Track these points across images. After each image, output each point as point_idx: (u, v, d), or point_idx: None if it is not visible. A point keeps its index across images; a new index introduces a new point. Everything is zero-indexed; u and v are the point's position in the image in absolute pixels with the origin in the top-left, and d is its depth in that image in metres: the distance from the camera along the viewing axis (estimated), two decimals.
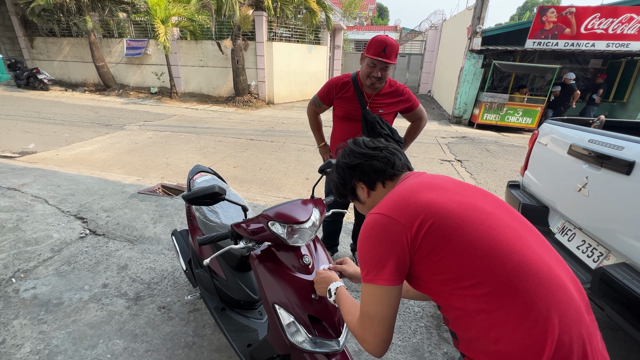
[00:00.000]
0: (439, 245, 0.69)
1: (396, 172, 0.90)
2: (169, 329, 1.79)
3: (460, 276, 0.68)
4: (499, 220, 0.71)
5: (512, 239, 0.68)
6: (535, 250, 0.69)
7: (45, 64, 12.42)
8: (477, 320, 0.68)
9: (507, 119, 8.32)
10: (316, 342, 1.01)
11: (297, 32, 11.16)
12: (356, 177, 0.93)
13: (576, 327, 0.63)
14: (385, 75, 1.76)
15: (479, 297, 0.66)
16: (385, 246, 0.73)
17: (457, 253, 0.68)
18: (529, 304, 0.63)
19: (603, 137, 1.63)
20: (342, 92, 1.90)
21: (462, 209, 0.71)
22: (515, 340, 0.63)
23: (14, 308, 1.88)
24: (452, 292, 0.70)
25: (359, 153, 0.92)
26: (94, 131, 6.29)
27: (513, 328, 0.63)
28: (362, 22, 27.00)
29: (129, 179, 3.91)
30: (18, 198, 3.20)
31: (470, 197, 0.76)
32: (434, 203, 0.73)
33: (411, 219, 0.71)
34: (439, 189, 0.77)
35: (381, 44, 1.66)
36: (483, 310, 0.66)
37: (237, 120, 8.15)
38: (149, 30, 11.14)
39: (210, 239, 1.13)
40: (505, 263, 0.65)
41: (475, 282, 0.66)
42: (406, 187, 0.81)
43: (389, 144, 0.95)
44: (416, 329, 1.90)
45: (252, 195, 3.63)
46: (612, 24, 7.23)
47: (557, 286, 0.65)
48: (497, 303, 0.65)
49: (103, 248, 2.50)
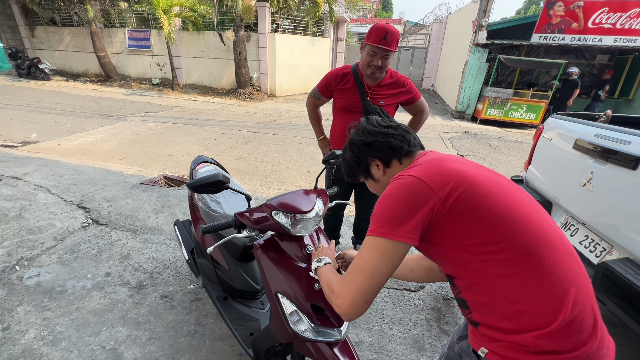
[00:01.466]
0: (468, 211, 0.71)
1: (412, 149, 0.91)
2: (172, 317, 1.81)
3: (485, 241, 0.70)
4: (517, 195, 0.75)
5: (530, 212, 0.73)
6: (549, 222, 0.74)
7: (47, 53, 12.35)
8: (497, 284, 0.71)
9: (511, 115, 8.26)
10: (318, 331, 1.02)
11: (300, 24, 11.03)
12: (372, 155, 0.93)
13: (586, 290, 0.70)
14: (385, 64, 1.71)
15: (501, 262, 0.70)
16: (412, 205, 0.73)
17: (485, 220, 0.70)
18: (547, 267, 0.68)
19: (610, 132, 1.61)
20: (341, 83, 1.86)
21: (488, 181, 0.74)
22: (534, 299, 0.68)
23: (18, 295, 1.90)
24: (474, 257, 0.72)
25: (374, 131, 0.93)
26: (95, 122, 6.28)
27: (532, 288, 0.68)
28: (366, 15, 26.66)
29: (130, 169, 3.91)
30: (21, 187, 3.21)
31: (490, 173, 0.80)
32: (464, 172, 0.74)
33: (442, 184, 0.73)
34: (463, 163, 0.80)
35: (382, 31, 1.62)
36: (504, 275, 0.70)
37: (239, 112, 8.11)
38: (151, 20, 11.04)
39: (214, 228, 1.13)
40: (527, 232, 0.69)
41: (499, 248, 0.69)
42: (432, 158, 0.82)
43: (400, 124, 0.96)
44: (417, 321, 1.91)
45: (254, 188, 3.63)
46: (621, 19, 7.12)
47: (569, 254, 0.72)
48: (518, 268, 0.69)
49: (106, 237, 2.51)
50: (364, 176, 0.99)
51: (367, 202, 2.13)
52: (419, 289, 2.19)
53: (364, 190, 2.07)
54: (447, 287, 2.21)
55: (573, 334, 0.66)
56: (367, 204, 2.13)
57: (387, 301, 2.05)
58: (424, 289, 2.19)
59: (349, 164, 0.99)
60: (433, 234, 0.76)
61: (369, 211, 2.15)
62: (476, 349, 0.77)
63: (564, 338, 0.65)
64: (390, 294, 2.12)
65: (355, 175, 1.01)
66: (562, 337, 0.65)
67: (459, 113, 9.15)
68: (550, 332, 0.65)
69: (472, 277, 0.75)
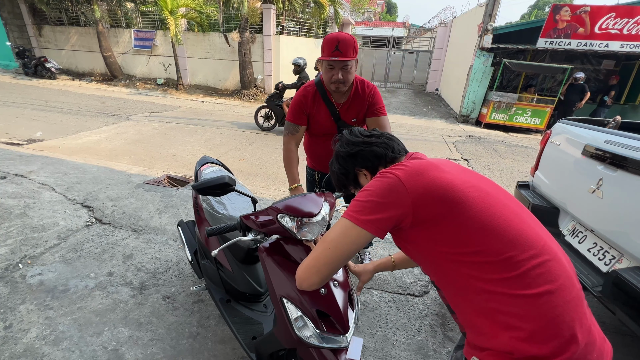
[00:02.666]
0: (440, 215, 0.74)
1: (396, 155, 0.94)
2: (174, 318, 1.80)
3: (458, 245, 0.73)
4: (496, 200, 0.76)
5: (509, 215, 0.74)
6: (530, 225, 0.75)
7: (53, 52, 12.46)
8: (470, 284, 0.73)
9: (516, 119, 8.22)
10: (323, 337, 1.00)
11: (305, 26, 11.06)
12: (358, 165, 0.96)
13: (568, 292, 0.69)
14: (347, 76, 1.55)
15: (475, 264, 0.71)
16: (385, 201, 0.77)
17: (457, 225, 0.72)
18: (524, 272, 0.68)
19: (620, 138, 1.59)
20: (314, 105, 1.70)
21: (466, 187, 0.76)
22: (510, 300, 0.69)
23: (20, 293, 1.90)
24: (448, 258, 0.75)
25: (357, 141, 0.95)
26: (100, 121, 6.31)
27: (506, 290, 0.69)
28: (370, 18, 26.72)
29: (134, 169, 3.92)
30: (25, 185, 3.22)
31: (471, 177, 0.82)
32: (441, 179, 0.76)
33: (418, 188, 0.76)
34: (445, 168, 0.81)
35: (332, 42, 1.48)
36: (478, 277, 0.71)
37: (243, 113, 8.13)
38: (157, 21, 11.11)
39: (219, 230, 1.12)
40: (502, 236, 0.70)
41: (472, 250, 0.71)
42: (419, 162, 0.84)
43: (382, 132, 0.99)
44: (420, 326, 1.89)
45: (257, 189, 3.62)
46: (627, 24, 7.08)
47: (554, 257, 0.72)
48: (494, 271, 0.70)
49: (109, 237, 2.51)
50: (354, 187, 1.01)
51: None
52: (423, 294, 2.16)
53: None
54: None
55: (553, 337, 0.65)
56: None
57: (391, 306, 2.03)
58: (428, 294, 2.17)
59: (337, 176, 1.01)
60: (407, 233, 0.80)
61: None
62: (468, 358, 0.78)
63: (543, 341, 0.64)
64: (394, 298, 2.10)
65: (345, 187, 1.03)
66: (542, 340, 0.64)
67: (463, 117, 9.11)
68: (529, 335, 0.65)
69: (449, 278, 0.78)
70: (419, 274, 2.35)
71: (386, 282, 2.24)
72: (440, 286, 0.83)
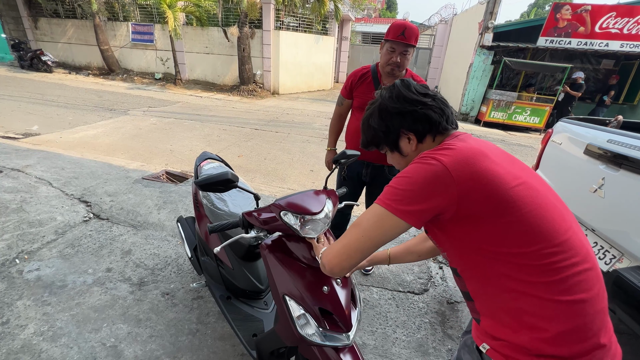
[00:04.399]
0: (486, 212, 0.67)
1: (448, 127, 0.82)
2: (173, 315, 1.79)
3: (499, 244, 0.68)
4: (545, 199, 0.70)
5: (557, 218, 0.69)
6: (575, 229, 0.70)
7: (49, 45, 12.29)
8: (503, 283, 0.69)
9: (515, 118, 8.23)
10: (326, 335, 0.99)
11: (304, 22, 10.98)
12: (406, 126, 0.81)
13: (601, 299, 0.68)
14: (404, 62, 1.70)
15: (515, 265, 0.67)
16: (428, 192, 0.69)
17: (503, 224, 0.67)
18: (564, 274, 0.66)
19: (623, 138, 1.59)
20: (360, 81, 1.87)
21: (516, 183, 0.69)
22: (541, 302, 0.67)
23: (17, 289, 1.88)
24: (484, 254, 0.70)
25: (411, 99, 0.80)
26: (97, 115, 6.25)
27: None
28: (370, 14, 26.56)
29: (132, 164, 3.89)
30: (22, 179, 3.19)
31: (521, 171, 0.74)
32: (493, 172, 0.68)
33: (467, 180, 0.67)
34: (495, 158, 0.73)
35: (400, 27, 1.62)
36: (515, 278, 0.68)
37: (242, 109, 8.08)
38: (155, 14, 10.98)
39: (221, 227, 1.10)
40: (548, 241, 0.66)
41: (514, 252, 0.67)
42: (467, 146, 0.73)
43: (437, 94, 0.85)
44: (420, 324, 1.89)
45: (256, 185, 3.60)
46: (628, 24, 7.08)
47: (592, 264, 0.69)
48: (532, 274, 0.67)
49: (107, 232, 2.49)
50: (389, 148, 0.88)
51: None
52: (422, 291, 2.16)
53: (376, 191, 2.04)
54: (452, 290, 2.18)
55: (577, 342, 0.64)
56: None
57: (391, 304, 2.03)
58: (428, 292, 2.17)
59: (373, 133, 0.86)
60: (444, 224, 0.74)
61: None
62: (478, 344, 0.76)
63: (566, 344, 0.64)
64: (394, 296, 2.10)
65: (377, 146, 0.89)
66: (565, 343, 0.64)
67: (462, 115, 9.11)
68: (553, 337, 0.64)
69: (479, 271, 0.73)
70: (419, 271, 2.35)
71: (386, 279, 2.24)
72: (464, 276, 0.77)
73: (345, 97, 1.94)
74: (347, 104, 1.97)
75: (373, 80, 1.81)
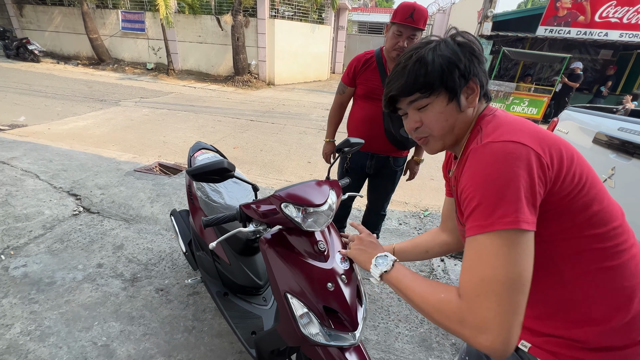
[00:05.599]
0: (579, 186, 0.57)
1: (486, 92, 0.70)
2: (168, 312, 1.72)
3: (600, 220, 0.59)
4: (595, 176, 0.64)
5: (612, 198, 0.63)
6: (622, 213, 0.65)
7: (36, 34, 11.87)
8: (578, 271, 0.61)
9: (513, 109, 8.17)
10: (331, 335, 0.93)
11: (300, 10, 10.72)
12: (482, 74, 0.66)
13: None
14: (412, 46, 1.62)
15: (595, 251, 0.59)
16: (530, 180, 0.54)
17: (595, 197, 0.59)
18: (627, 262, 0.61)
19: (636, 125, 1.53)
20: (364, 67, 1.75)
21: (580, 156, 0.61)
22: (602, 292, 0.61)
23: (3, 286, 1.79)
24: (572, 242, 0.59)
25: (478, 53, 0.66)
26: (87, 106, 6.05)
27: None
28: (367, 4, 26.12)
29: (124, 156, 3.76)
30: (7, 172, 3.06)
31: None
32: (566, 145, 0.59)
33: (554, 160, 0.56)
34: (549, 134, 0.63)
35: (408, 9, 1.51)
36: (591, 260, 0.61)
37: (237, 100, 7.91)
38: (145, 2, 10.63)
39: (217, 220, 1.02)
40: (614, 219, 0.60)
41: (606, 230, 0.59)
42: (523, 124, 0.62)
43: None
44: (423, 318, 1.84)
45: (252, 177, 3.52)
46: (628, 13, 7.01)
47: None
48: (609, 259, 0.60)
49: (98, 226, 2.39)
50: (449, 92, 0.65)
51: (381, 194, 2.03)
52: None
53: (380, 183, 1.97)
54: (454, 283, 2.14)
55: (632, 331, 0.60)
56: (381, 196, 2.04)
57: (393, 297, 1.98)
58: None
59: (438, 69, 0.64)
60: None
61: (382, 204, 2.06)
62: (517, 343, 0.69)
63: (622, 334, 0.60)
64: None
65: (425, 86, 0.65)
66: (621, 334, 0.60)
67: None
68: (611, 329, 0.60)
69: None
70: (420, 264, 2.30)
71: None
72: None
73: (347, 84, 1.82)
74: (349, 92, 1.85)
75: (378, 66, 1.70)
